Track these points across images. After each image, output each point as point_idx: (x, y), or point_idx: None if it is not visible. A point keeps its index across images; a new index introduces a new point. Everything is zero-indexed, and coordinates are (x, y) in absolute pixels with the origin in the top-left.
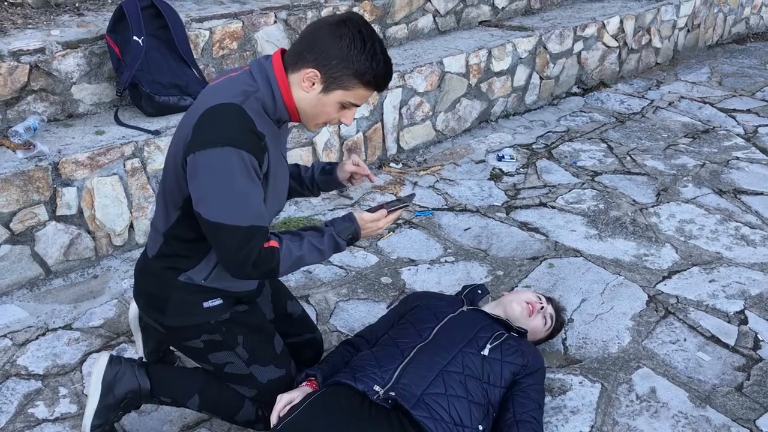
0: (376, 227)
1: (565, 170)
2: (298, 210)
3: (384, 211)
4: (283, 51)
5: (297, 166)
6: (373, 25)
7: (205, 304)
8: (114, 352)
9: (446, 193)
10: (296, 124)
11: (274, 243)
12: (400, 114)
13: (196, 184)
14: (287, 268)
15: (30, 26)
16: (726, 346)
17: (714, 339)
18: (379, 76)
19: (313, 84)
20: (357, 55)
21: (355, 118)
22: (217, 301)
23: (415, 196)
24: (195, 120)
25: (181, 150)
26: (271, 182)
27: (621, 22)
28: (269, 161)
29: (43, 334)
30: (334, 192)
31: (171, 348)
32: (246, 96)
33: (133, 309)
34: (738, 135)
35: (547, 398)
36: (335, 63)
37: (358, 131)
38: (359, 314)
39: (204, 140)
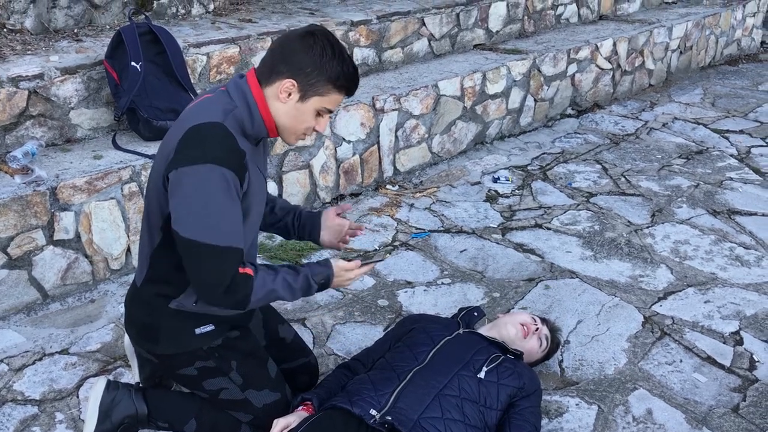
0: (347, 277)
1: (560, 191)
2: None
3: (358, 261)
4: (255, 69)
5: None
6: (369, 49)
7: (198, 331)
8: (111, 377)
9: (442, 214)
10: (291, 147)
11: (249, 270)
12: (396, 136)
13: (176, 201)
14: (259, 299)
15: (29, 52)
16: (722, 367)
17: (710, 360)
18: (350, 80)
19: (290, 94)
20: (329, 62)
21: (351, 141)
22: (209, 327)
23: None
24: (178, 138)
25: (163, 168)
26: (251, 198)
27: (614, 44)
28: (249, 179)
29: (40, 359)
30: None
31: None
32: (226, 114)
33: None
34: (731, 156)
35: (544, 420)
36: (309, 71)
37: (354, 153)
38: (356, 337)
39: (187, 157)
